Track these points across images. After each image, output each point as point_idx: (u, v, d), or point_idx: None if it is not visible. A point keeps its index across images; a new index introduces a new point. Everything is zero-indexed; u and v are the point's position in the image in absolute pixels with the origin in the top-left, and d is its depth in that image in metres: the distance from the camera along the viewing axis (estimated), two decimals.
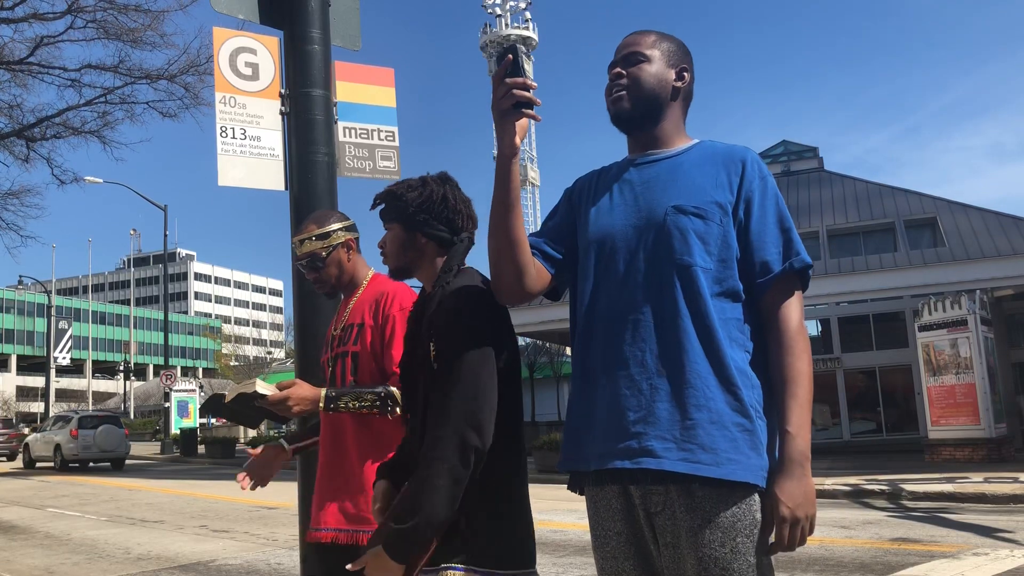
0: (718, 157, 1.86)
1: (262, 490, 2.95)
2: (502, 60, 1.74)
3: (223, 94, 3.87)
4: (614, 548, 1.80)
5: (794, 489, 1.67)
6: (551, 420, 30.25)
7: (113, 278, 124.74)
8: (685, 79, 1.94)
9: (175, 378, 36.51)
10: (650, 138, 1.93)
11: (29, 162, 26.30)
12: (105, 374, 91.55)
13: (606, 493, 1.81)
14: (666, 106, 1.92)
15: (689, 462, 1.67)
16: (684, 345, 1.73)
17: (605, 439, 1.77)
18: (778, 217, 1.83)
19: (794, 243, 1.82)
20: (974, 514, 9.80)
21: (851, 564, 6.76)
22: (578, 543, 8.29)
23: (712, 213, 1.79)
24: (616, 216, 1.88)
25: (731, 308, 1.78)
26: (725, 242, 1.79)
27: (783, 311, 1.79)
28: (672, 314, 1.75)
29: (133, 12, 23.78)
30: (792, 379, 1.73)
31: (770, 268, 1.79)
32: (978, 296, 16.33)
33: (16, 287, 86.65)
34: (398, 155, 4.34)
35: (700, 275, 1.76)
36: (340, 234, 2.73)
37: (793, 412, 1.72)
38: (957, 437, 15.96)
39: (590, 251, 1.89)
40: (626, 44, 1.94)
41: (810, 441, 1.73)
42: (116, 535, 10.15)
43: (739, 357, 1.75)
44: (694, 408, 1.70)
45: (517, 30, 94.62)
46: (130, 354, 75.34)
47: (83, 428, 25.31)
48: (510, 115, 1.74)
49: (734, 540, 1.66)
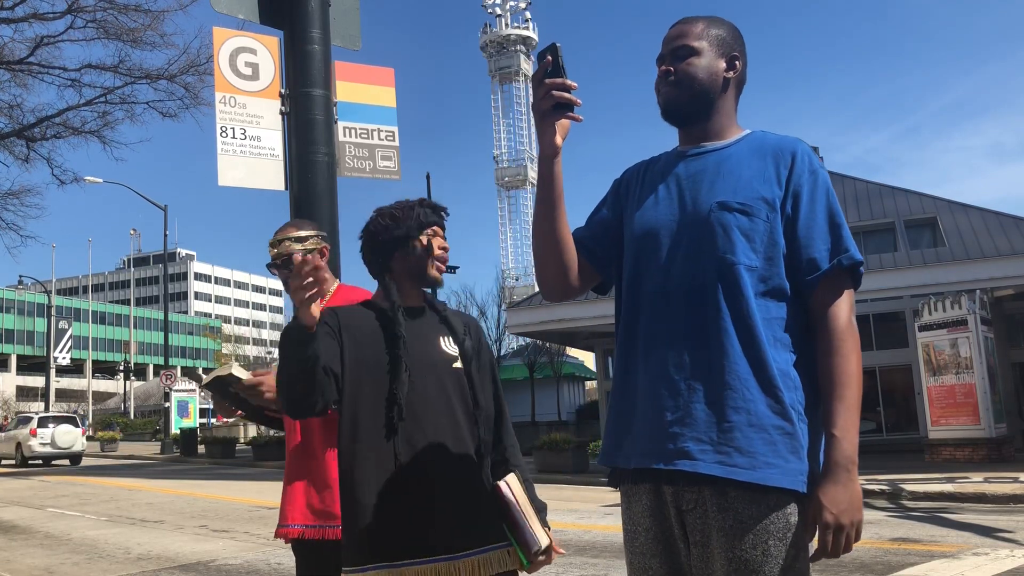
0: (767, 149, 1.81)
1: (262, 490, 2.96)
2: (542, 60, 1.72)
3: (223, 94, 3.87)
4: (642, 544, 1.78)
5: (839, 494, 1.62)
6: (551, 420, 30.26)
7: (113, 278, 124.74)
8: (737, 67, 1.87)
9: (175, 378, 36.54)
10: (701, 130, 1.88)
11: (29, 162, 26.36)
12: (105, 374, 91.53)
13: (639, 490, 1.79)
14: (718, 98, 1.86)
15: (725, 465, 1.64)
16: (724, 346, 1.69)
17: (643, 438, 1.75)
18: (828, 212, 1.77)
19: (844, 239, 1.75)
20: (974, 514, 9.80)
21: (851, 564, 6.75)
22: (578, 543, 8.29)
23: (758, 209, 1.74)
24: (661, 210, 1.84)
25: (776, 307, 1.73)
26: (771, 239, 1.74)
27: (831, 310, 1.73)
28: (713, 313, 1.72)
29: (133, 12, 23.84)
30: (839, 381, 1.68)
31: (818, 265, 1.73)
32: (978, 296, 16.33)
33: (16, 287, 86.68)
34: (398, 155, 4.34)
35: (744, 273, 1.72)
36: (315, 240, 2.77)
37: (839, 415, 1.66)
38: (957, 437, 15.96)
39: (634, 245, 1.86)
40: (673, 36, 1.87)
41: (857, 445, 1.67)
42: (116, 535, 10.15)
43: (782, 358, 1.71)
44: (732, 410, 1.67)
45: (517, 30, 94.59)
46: (130, 354, 75.35)
47: (42, 427, 27.76)
48: (550, 116, 1.72)
49: (766, 543, 1.62)
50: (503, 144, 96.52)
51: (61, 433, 27.80)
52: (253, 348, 66.96)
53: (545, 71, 1.71)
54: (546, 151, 1.75)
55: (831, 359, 1.70)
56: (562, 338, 25.82)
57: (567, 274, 1.86)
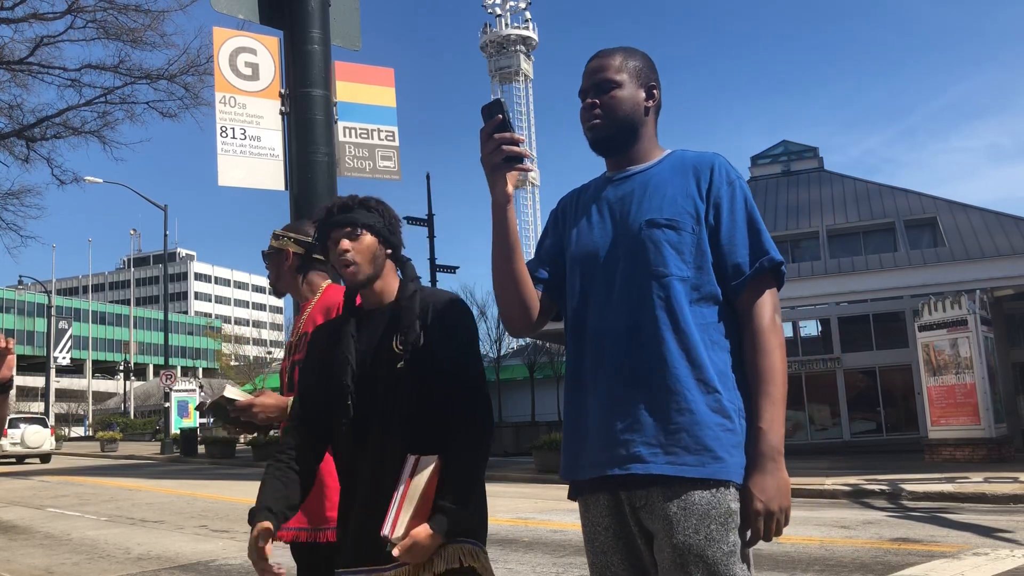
0: (687, 166, 1.92)
1: None
2: (490, 117, 1.84)
3: (223, 94, 3.87)
4: (603, 543, 1.87)
5: (766, 483, 1.74)
6: (551, 420, 30.25)
7: (113, 278, 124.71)
8: (655, 96, 1.99)
9: (175, 378, 36.54)
10: (626, 157, 1.99)
11: (29, 162, 26.30)
12: (105, 374, 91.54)
13: (597, 497, 1.88)
14: (640, 126, 1.97)
15: (675, 464, 1.75)
16: (663, 353, 1.80)
17: (597, 448, 1.84)
18: (747, 219, 1.88)
19: (764, 243, 1.87)
20: (974, 514, 9.79)
21: (851, 564, 6.75)
22: (578, 543, 8.29)
23: (684, 223, 1.85)
24: (596, 234, 1.95)
25: (711, 312, 1.84)
26: (699, 249, 1.86)
27: (755, 310, 1.84)
28: (652, 324, 1.82)
29: (133, 12, 23.79)
30: (764, 377, 1.80)
31: (742, 270, 1.85)
32: (978, 296, 16.33)
33: (16, 287, 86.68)
34: (398, 155, 4.34)
35: (676, 284, 1.83)
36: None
37: (765, 408, 1.78)
38: (957, 437, 15.96)
39: (575, 269, 1.97)
40: (593, 69, 1.97)
41: (783, 437, 1.79)
42: (116, 535, 10.15)
43: (720, 359, 1.82)
44: (676, 412, 1.77)
45: (517, 30, 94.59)
46: (130, 354, 75.33)
47: (12, 428, 29.24)
48: (501, 168, 1.84)
49: (708, 527, 1.72)
50: None
51: (31, 434, 29.60)
52: (253, 348, 66.93)
53: (494, 127, 1.83)
54: (499, 199, 1.87)
55: (756, 357, 1.82)
56: (561, 338, 25.81)
57: (530, 312, 1.97)
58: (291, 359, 2.76)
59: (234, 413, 2.57)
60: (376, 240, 2.18)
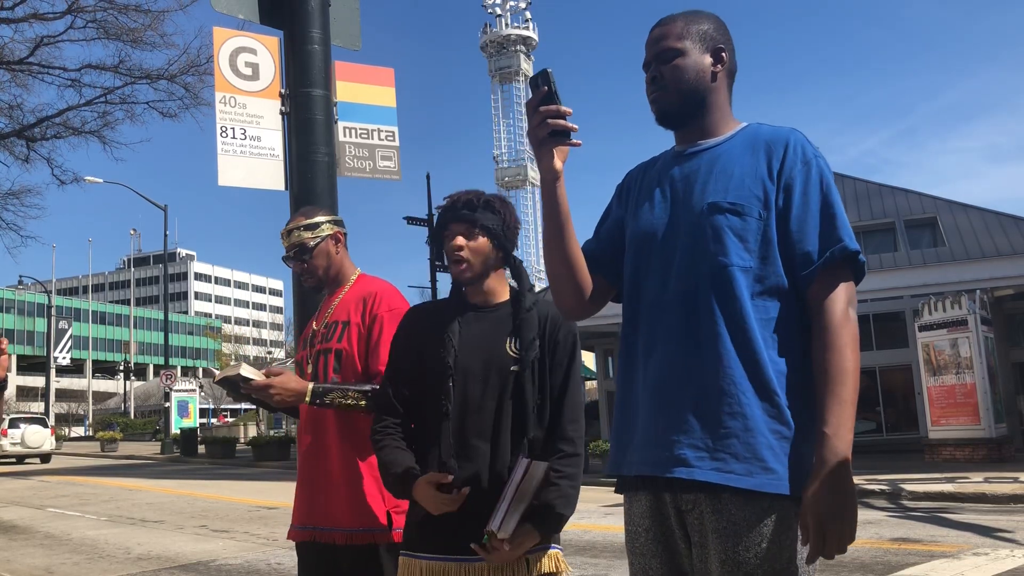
0: (759, 142, 1.77)
1: (262, 490, 2.96)
2: (535, 87, 1.71)
3: (223, 94, 3.87)
4: (643, 545, 1.78)
5: (826, 495, 1.55)
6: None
7: (113, 278, 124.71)
8: (724, 59, 1.83)
9: (175, 378, 36.53)
10: (696, 129, 1.85)
11: (29, 162, 26.30)
12: (105, 374, 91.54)
13: (640, 495, 1.79)
14: (708, 94, 1.82)
15: (721, 472, 1.62)
16: (718, 350, 1.66)
17: (642, 447, 1.74)
18: (822, 203, 1.71)
19: (839, 229, 1.69)
20: (974, 514, 9.79)
21: (851, 564, 6.75)
22: (578, 543, 8.29)
23: (750, 208, 1.71)
24: (656, 214, 1.82)
25: (774, 307, 1.69)
26: (766, 237, 1.70)
27: (826, 304, 1.66)
28: (707, 318, 1.69)
29: (133, 12, 23.79)
30: (833, 377, 1.62)
31: (811, 259, 1.68)
32: (978, 296, 16.32)
33: (16, 287, 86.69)
34: (398, 155, 4.34)
35: (737, 275, 1.68)
36: (328, 226, 2.70)
37: (831, 411, 1.60)
38: (957, 437, 15.95)
39: (632, 252, 1.85)
40: (655, 38, 1.84)
41: (851, 444, 1.61)
42: (116, 535, 10.15)
43: (782, 360, 1.67)
44: (728, 416, 1.64)
45: (517, 30, 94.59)
46: (130, 354, 75.35)
47: (12, 428, 29.33)
48: (547, 143, 1.71)
49: (760, 546, 1.60)
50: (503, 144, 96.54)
51: (31, 433, 29.52)
52: (253, 348, 66.93)
53: (540, 99, 1.70)
54: (547, 176, 1.74)
55: (824, 353, 1.64)
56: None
57: (583, 295, 1.86)
58: (314, 348, 2.63)
59: (246, 391, 2.49)
60: (490, 242, 2.21)
